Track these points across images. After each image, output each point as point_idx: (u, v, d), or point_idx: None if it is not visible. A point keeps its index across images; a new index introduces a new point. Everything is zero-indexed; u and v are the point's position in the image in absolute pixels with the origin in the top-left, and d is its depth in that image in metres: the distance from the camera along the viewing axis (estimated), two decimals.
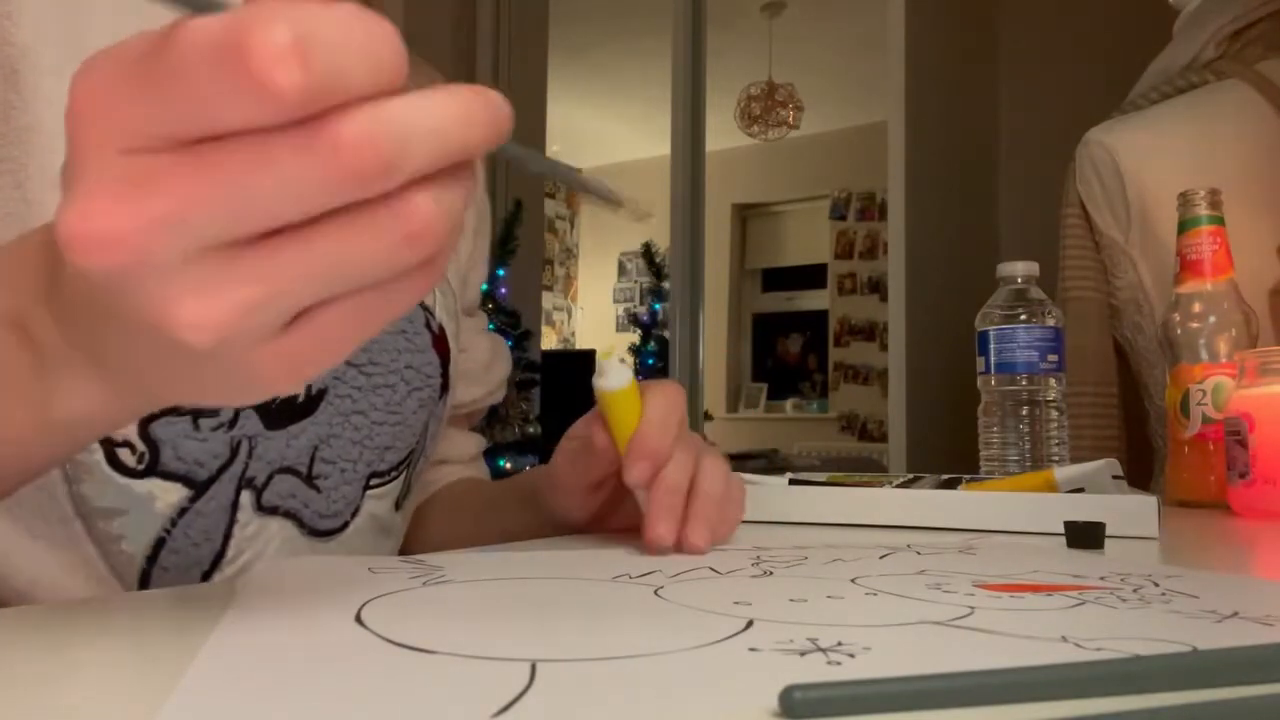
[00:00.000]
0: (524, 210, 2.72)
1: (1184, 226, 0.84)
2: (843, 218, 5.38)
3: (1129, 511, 0.54)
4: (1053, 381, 0.80)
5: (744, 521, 0.62)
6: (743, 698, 0.21)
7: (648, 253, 3.80)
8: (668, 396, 0.47)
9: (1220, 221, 0.83)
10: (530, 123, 2.87)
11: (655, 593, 0.33)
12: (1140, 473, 1.12)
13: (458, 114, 0.22)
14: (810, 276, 5.58)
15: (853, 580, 0.36)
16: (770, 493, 0.63)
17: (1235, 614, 0.30)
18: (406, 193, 0.22)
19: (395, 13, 0.59)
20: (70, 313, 0.27)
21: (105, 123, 0.21)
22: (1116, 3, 2.45)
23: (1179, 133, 1.15)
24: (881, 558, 0.43)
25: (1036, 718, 0.19)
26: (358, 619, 0.28)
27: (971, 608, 0.31)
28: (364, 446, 0.56)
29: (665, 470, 0.45)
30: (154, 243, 0.21)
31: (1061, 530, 0.51)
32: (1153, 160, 1.13)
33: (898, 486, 0.63)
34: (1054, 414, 0.80)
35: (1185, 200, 0.84)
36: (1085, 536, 0.49)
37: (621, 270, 6.13)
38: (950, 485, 0.65)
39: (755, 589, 0.34)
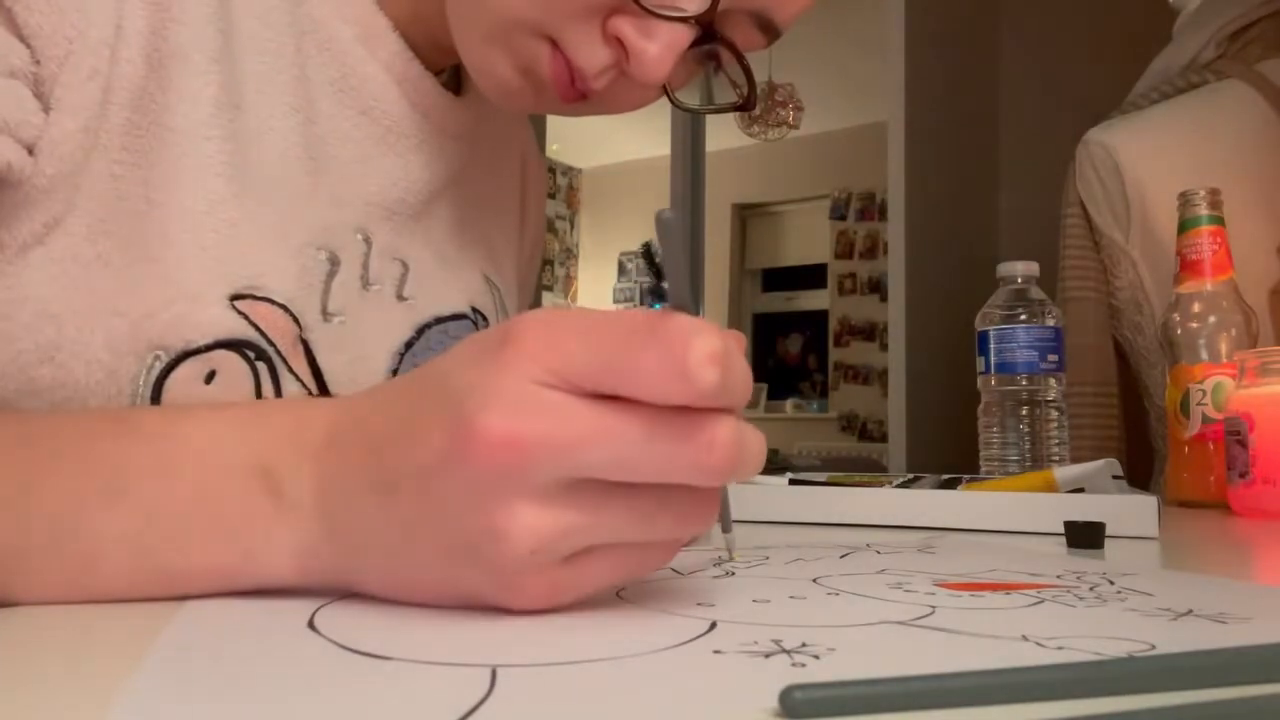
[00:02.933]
0: None
1: (1184, 226, 0.84)
2: (843, 218, 5.38)
3: (1129, 511, 0.54)
4: (1053, 381, 0.80)
5: (741, 521, 0.62)
6: (708, 702, 0.20)
7: (648, 253, 3.81)
8: None
9: (1220, 221, 0.83)
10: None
11: (617, 594, 0.33)
12: (1140, 473, 1.12)
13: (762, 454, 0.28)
14: (810, 276, 5.58)
15: (814, 580, 0.36)
16: (770, 493, 0.63)
17: (1189, 611, 0.30)
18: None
19: None
20: (344, 475, 0.30)
21: (537, 353, 0.26)
22: (1116, 3, 2.45)
23: (1179, 133, 1.15)
24: (842, 557, 0.43)
25: (1036, 718, 0.19)
26: (310, 625, 0.27)
27: (932, 607, 0.31)
28: None
29: None
30: (543, 459, 0.26)
31: (1061, 530, 0.51)
32: (1153, 160, 1.13)
33: (898, 486, 0.63)
34: (1054, 414, 0.80)
35: (1185, 200, 0.84)
36: (1085, 536, 0.49)
37: (621, 270, 6.13)
38: (950, 485, 0.65)
39: (717, 590, 0.34)
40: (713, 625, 0.28)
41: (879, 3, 2.37)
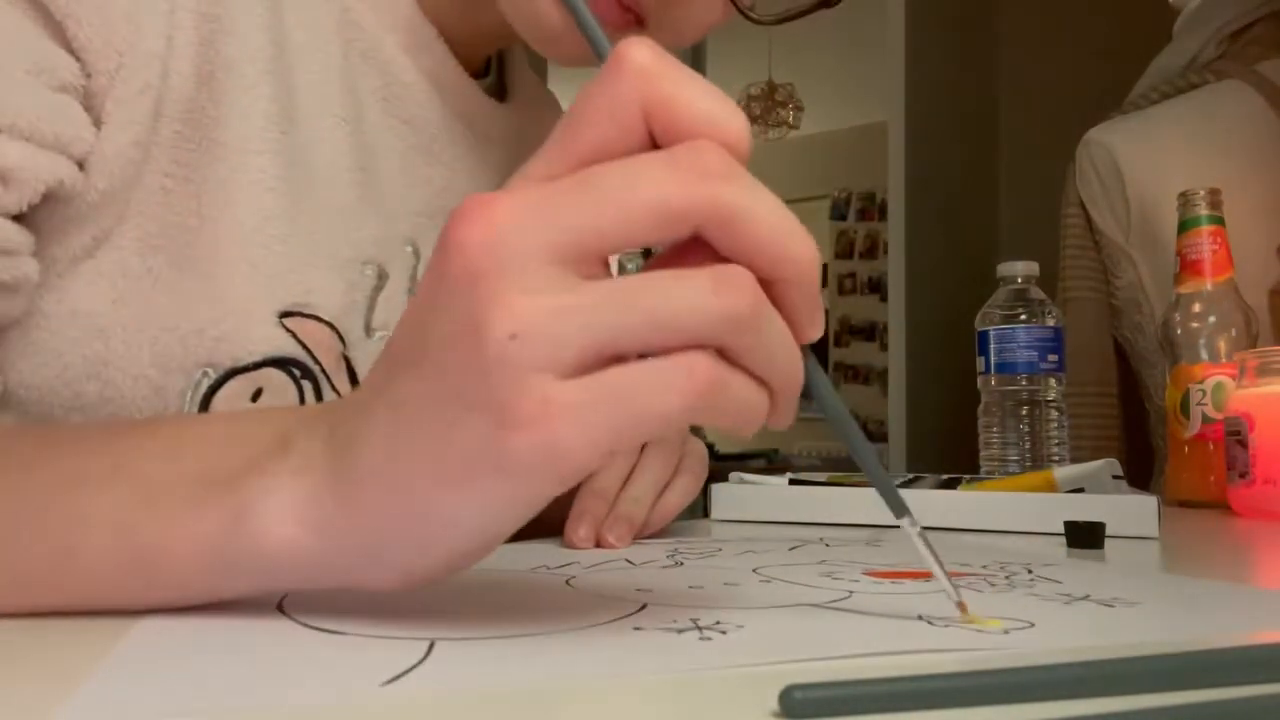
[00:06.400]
0: None
1: (1184, 226, 0.84)
2: (843, 218, 5.38)
3: (1129, 511, 0.54)
4: (1053, 381, 0.80)
5: (740, 521, 0.62)
6: (614, 668, 0.23)
7: (647, 253, 3.80)
8: None
9: (1220, 221, 0.83)
10: None
11: (567, 582, 0.35)
12: (1140, 473, 1.12)
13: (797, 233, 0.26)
14: None
15: (754, 570, 0.38)
16: (770, 493, 0.63)
17: (1086, 596, 0.33)
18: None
19: None
20: (356, 406, 0.26)
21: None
22: (1116, 3, 2.45)
23: (1179, 133, 1.14)
24: (791, 549, 0.45)
25: (1036, 718, 0.19)
26: (279, 607, 0.29)
27: (851, 592, 0.33)
28: None
29: (597, 473, 0.46)
30: (514, 235, 0.23)
31: (1061, 530, 0.51)
32: (1153, 160, 1.13)
33: (898, 486, 0.63)
34: (1054, 414, 0.80)
35: (1185, 200, 0.84)
36: (1085, 536, 0.49)
37: (622, 270, 6.12)
38: (950, 485, 0.65)
39: (661, 578, 0.36)
40: (643, 607, 0.30)
41: (879, 3, 2.37)
